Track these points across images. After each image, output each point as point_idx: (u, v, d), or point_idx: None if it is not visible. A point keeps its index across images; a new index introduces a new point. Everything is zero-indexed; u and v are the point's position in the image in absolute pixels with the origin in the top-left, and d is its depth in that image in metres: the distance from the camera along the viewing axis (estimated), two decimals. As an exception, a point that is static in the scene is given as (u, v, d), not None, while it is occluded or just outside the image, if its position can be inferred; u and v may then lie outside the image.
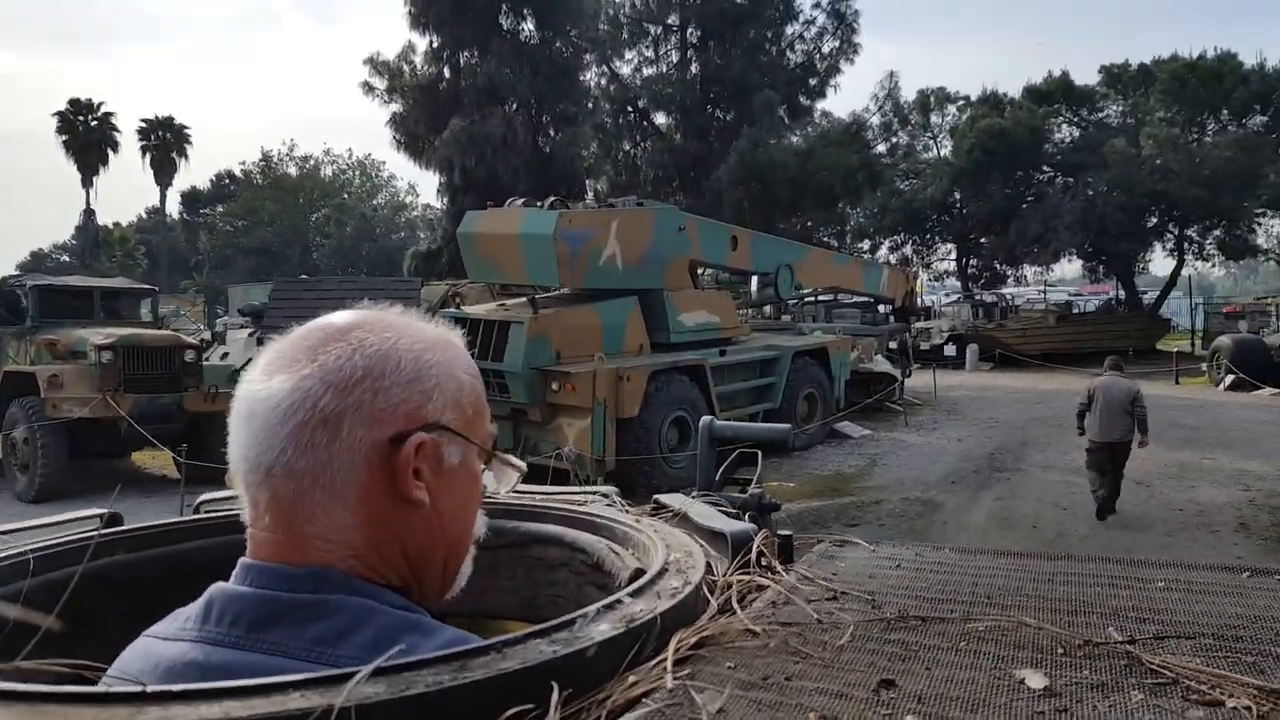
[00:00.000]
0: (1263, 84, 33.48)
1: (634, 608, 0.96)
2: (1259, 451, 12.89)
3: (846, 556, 1.36)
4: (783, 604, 1.10)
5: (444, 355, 0.97)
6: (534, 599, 1.51)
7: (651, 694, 0.83)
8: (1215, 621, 1.04)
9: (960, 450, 13.91)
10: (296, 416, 0.88)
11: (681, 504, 1.55)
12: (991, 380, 26.25)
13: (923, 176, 43.17)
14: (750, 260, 14.65)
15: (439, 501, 0.95)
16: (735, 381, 13.19)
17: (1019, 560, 1.33)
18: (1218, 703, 0.81)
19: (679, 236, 12.63)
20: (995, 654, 0.95)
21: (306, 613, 0.87)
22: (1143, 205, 34.85)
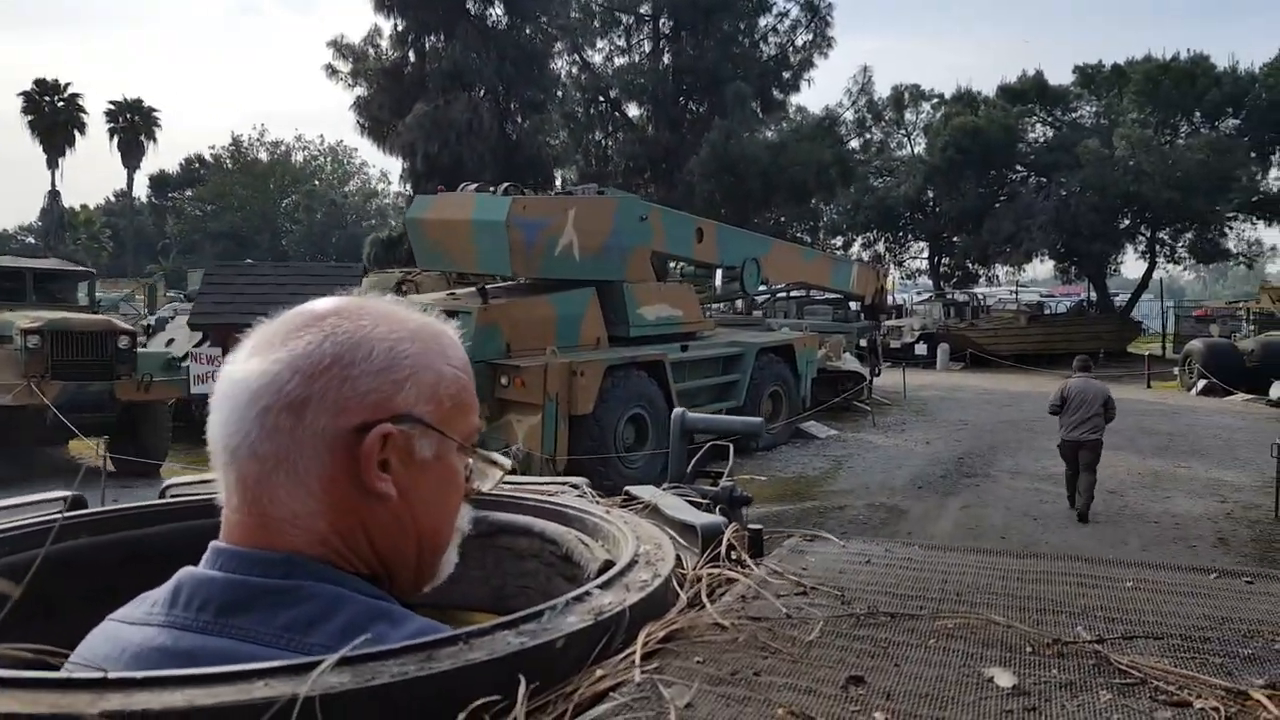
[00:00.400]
0: (1235, 86, 33.38)
1: (603, 600, 0.95)
2: (1234, 460, 12.54)
3: (816, 551, 1.36)
4: (752, 598, 1.10)
5: (423, 346, 0.93)
6: (502, 590, 1.49)
7: (619, 688, 0.81)
8: (1183, 622, 1.05)
9: (928, 453, 13.49)
10: (263, 400, 0.86)
11: (652, 496, 1.54)
12: (962, 380, 25.95)
13: (896, 174, 42.89)
14: (716, 253, 14.14)
15: (409, 495, 0.92)
16: (697, 378, 12.69)
17: (988, 558, 1.33)
18: (1185, 703, 0.81)
19: (641, 227, 12.09)
20: (964, 651, 0.94)
21: (277, 599, 0.85)
22: (1115, 206, 34.69)
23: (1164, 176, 32.15)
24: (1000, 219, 36.14)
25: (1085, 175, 33.59)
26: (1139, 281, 39.36)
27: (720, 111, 26.33)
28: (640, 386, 11.12)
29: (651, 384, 11.36)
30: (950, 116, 38.61)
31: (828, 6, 28.53)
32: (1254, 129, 33.31)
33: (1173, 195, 32.17)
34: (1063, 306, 40.83)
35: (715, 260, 14.19)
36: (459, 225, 10.76)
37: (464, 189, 11.38)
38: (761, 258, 14.86)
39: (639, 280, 12.11)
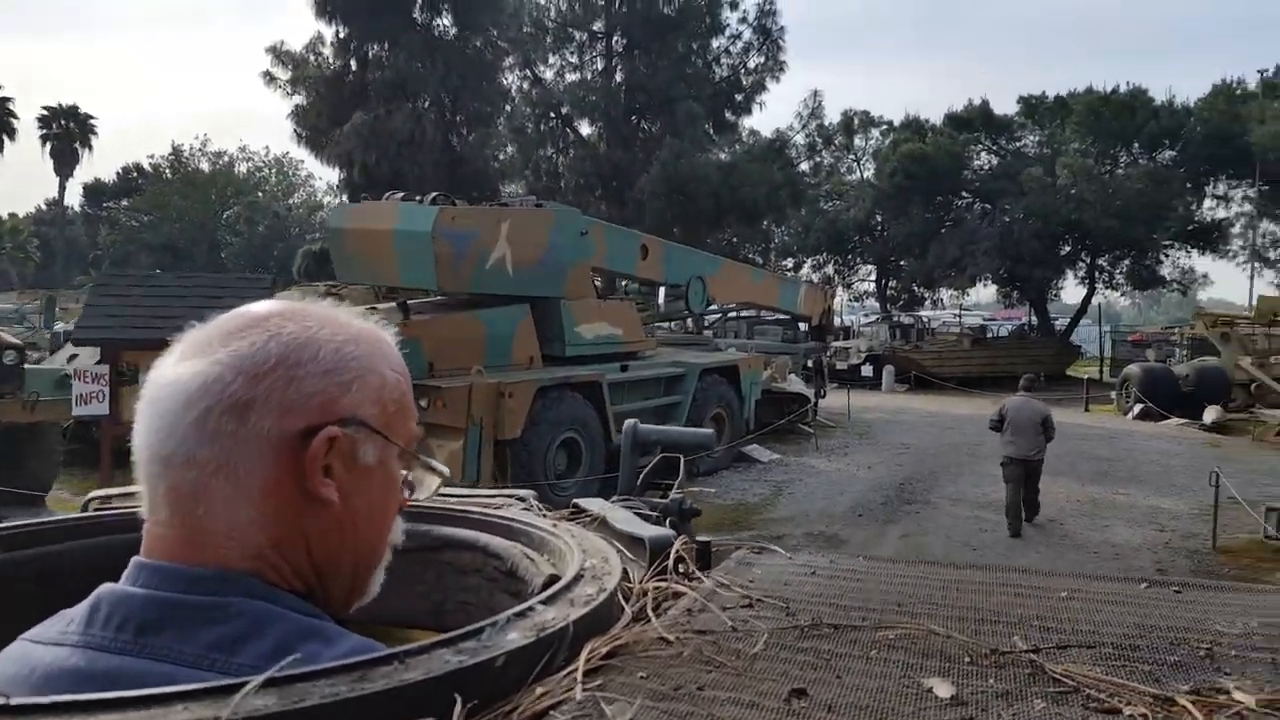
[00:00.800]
0: (1171, 119, 34.17)
1: (545, 616, 0.93)
2: (1172, 487, 12.59)
3: (763, 564, 1.36)
4: (698, 611, 1.09)
5: (367, 349, 0.91)
6: (443, 606, 1.45)
7: (560, 705, 0.80)
8: (1115, 631, 1.07)
9: (870, 479, 13.36)
10: (201, 403, 0.82)
11: (601, 509, 1.53)
12: (906, 402, 26.04)
13: (846, 198, 43.28)
14: (661, 271, 13.93)
15: (351, 502, 0.89)
16: (637, 399, 12.44)
17: (929, 569, 1.35)
18: (1115, 710, 0.83)
19: (581, 242, 11.82)
20: (904, 662, 0.95)
21: (202, 616, 0.81)
22: (1057, 233, 35.28)
23: (1104, 205, 32.75)
24: (946, 244, 36.58)
25: (1028, 203, 34.13)
26: (1078, 307, 40.02)
27: (672, 130, 26.25)
28: (575, 409, 10.82)
29: (587, 406, 11.07)
30: (899, 143, 39.07)
31: (780, 30, 28.68)
32: (1189, 160, 34.10)
33: (1112, 223, 32.77)
34: (1005, 330, 41.37)
35: (660, 278, 13.98)
36: (381, 236, 10.33)
37: (389, 197, 11.00)
38: (708, 276, 14.69)
39: (578, 297, 11.83)
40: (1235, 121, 32.34)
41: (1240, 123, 31.79)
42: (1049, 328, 39.55)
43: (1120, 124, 34.33)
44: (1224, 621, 1.11)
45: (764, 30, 28.56)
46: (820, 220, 41.14)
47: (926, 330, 37.21)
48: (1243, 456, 15.22)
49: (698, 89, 27.23)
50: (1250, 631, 1.08)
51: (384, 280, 10.75)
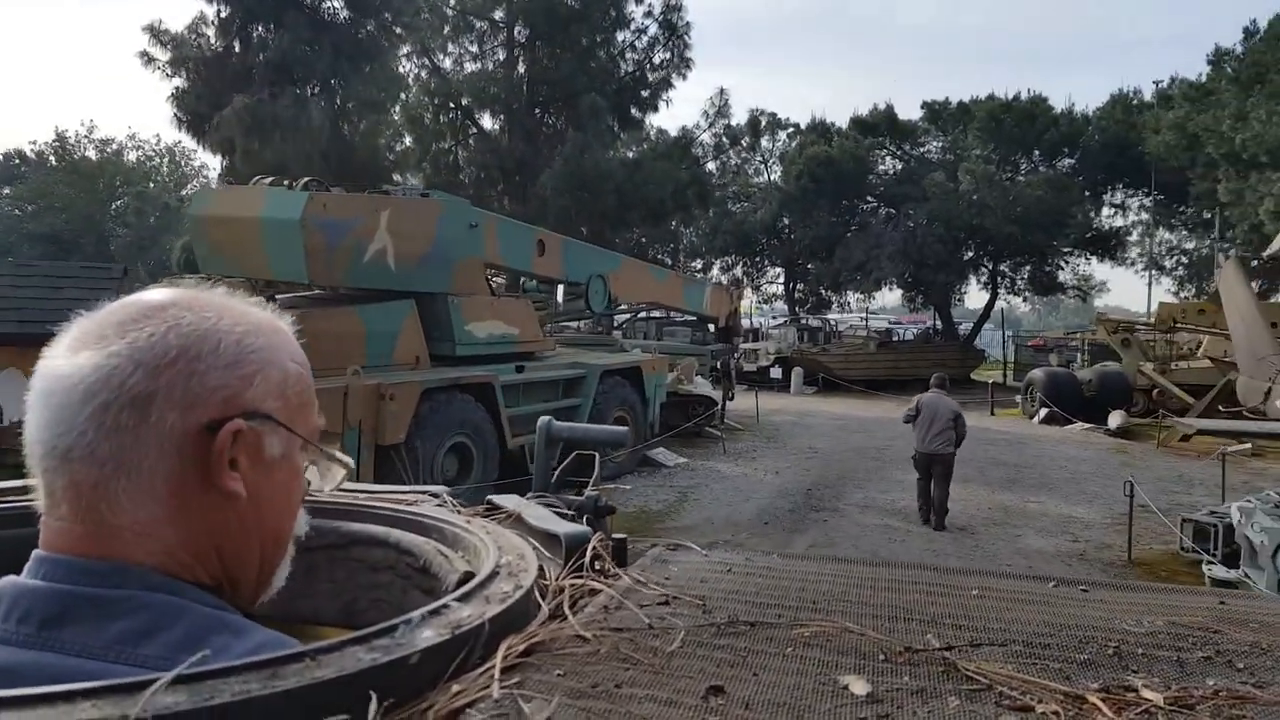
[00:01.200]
0: (1071, 127, 34.83)
1: (461, 613, 0.91)
2: (1083, 495, 12.30)
3: (679, 560, 1.35)
4: (615, 609, 1.08)
5: (269, 340, 0.90)
6: (354, 604, 1.37)
7: (477, 704, 0.80)
8: (1025, 629, 1.07)
9: (777, 485, 12.78)
10: (100, 396, 0.80)
11: (516, 505, 1.50)
12: (814, 405, 25.79)
13: (753, 200, 43.13)
14: (560, 268, 13.13)
15: (257, 495, 0.88)
16: (534, 402, 11.61)
17: (843, 566, 1.35)
18: (1028, 708, 0.84)
19: (471, 235, 10.93)
20: (820, 659, 0.95)
21: (108, 609, 0.80)
22: (960, 238, 35.65)
23: (1005, 211, 33.17)
24: (851, 248, 36.65)
25: (931, 208, 34.40)
26: (982, 311, 40.56)
27: (575, 125, 25.37)
28: (465, 412, 9.95)
29: (479, 409, 10.20)
30: (805, 145, 39.05)
31: (685, 25, 28.03)
32: (1088, 169, 34.82)
33: (1013, 229, 33.22)
34: (910, 334, 41.77)
35: (559, 275, 13.17)
36: (246, 224, 9.26)
37: (257, 182, 9.93)
38: (609, 275, 13.95)
39: (469, 294, 10.94)
40: (1132, 131, 33.08)
41: (1136, 132, 32.52)
42: (953, 332, 40.01)
43: (1021, 131, 34.89)
44: (1130, 620, 1.12)
45: (669, 25, 27.90)
46: (728, 222, 40.87)
47: (834, 333, 37.27)
48: (1150, 463, 15.14)
49: (602, 83, 26.41)
50: (1156, 630, 1.09)
51: (252, 272, 9.68)
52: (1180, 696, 0.87)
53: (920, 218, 35.30)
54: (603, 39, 27.53)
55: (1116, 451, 16.72)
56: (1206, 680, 0.92)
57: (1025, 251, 36.23)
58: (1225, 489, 10.96)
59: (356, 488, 1.58)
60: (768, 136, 41.40)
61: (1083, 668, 0.95)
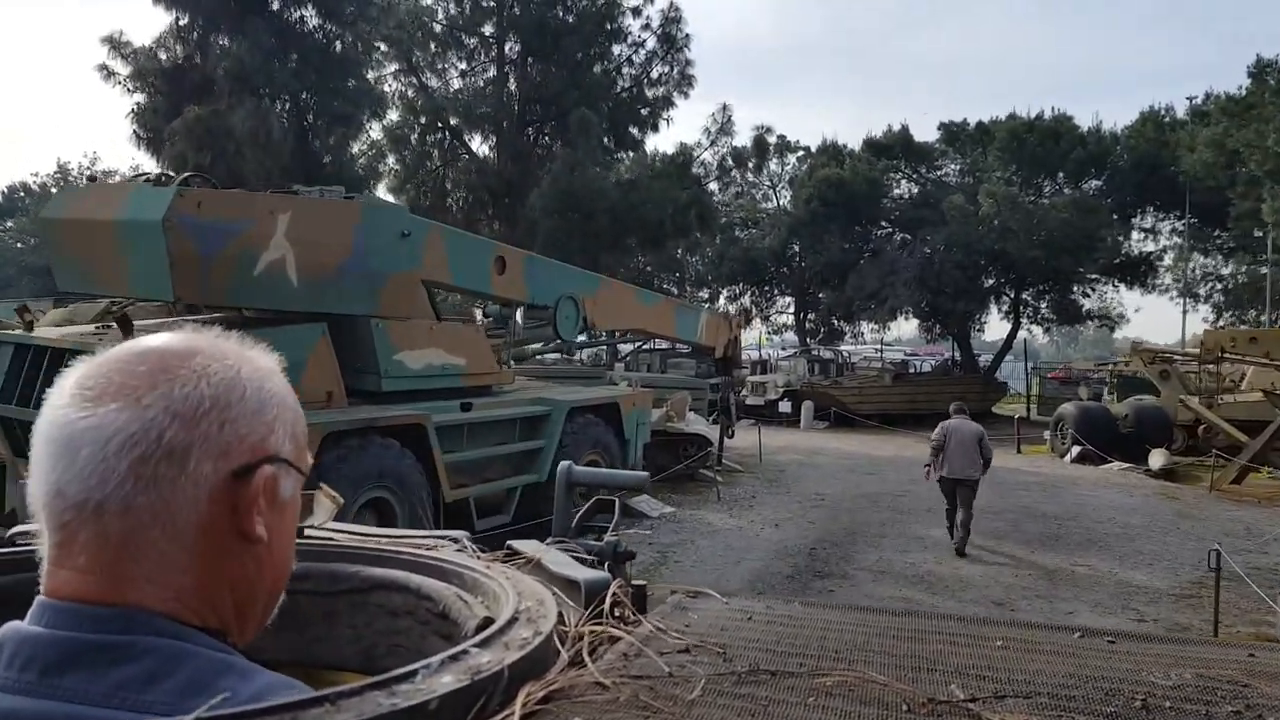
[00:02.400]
0: (1099, 146, 32.94)
1: (480, 659, 0.92)
2: (1140, 555, 10.30)
3: (699, 608, 1.35)
4: (635, 656, 1.08)
5: (279, 385, 0.93)
6: (374, 649, 1.39)
7: None
8: (1050, 680, 1.06)
9: (776, 541, 10.85)
10: (138, 449, 0.81)
11: (535, 551, 1.51)
12: (824, 442, 23.87)
13: (761, 225, 41.39)
14: (524, 288, 11.32)
15: (271, 537, 0.90)
16: (484, 445, 9.80)
17: (865, 615, 1.33)
18: None
19: (403, 246, 9.12)
20: (842, 709, 0.94)
21: (110, 655, 0.80)
22: (980, 265, 33.74)
23: (1029, 234, 31.27)
24: (865, 275, 34.77)
25: (950, 232, 32.51)
26: (1002, 343, 38.51)
27: (566, 141, 23.69)
28: (384, 459, 8.11)
29: (405, 456, 8.37)
30: (815, 168, 37.35)
31: (685, 38, 26.36)
32: (1117, 191, 32.89)
33: (1037, 254, 31.28)
34: (927, 366, 39.78)
35: (523, 297, 11.35)
36: (101, 229, 7.46)
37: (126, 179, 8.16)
38: (584, 298, 12.16)
39: (401, 317, 9.13)
40: (1164, 149, 31.20)
41: (1170, 150, 30.63)
42: (973, 363, 37.96)
43: (1045, 151, 33.02)
44: (1158, 673, 1.11)
45: (668, 38, 26.22)
46: (735, 249, 39.15)
47: (847, 365, 35.36)
48: (1208, 511, 13.14)
49: (596, 99, 24.71)
50: (1184, 683, 1.07)
51: (107, 288, 7.90)
52: None
53: (938, 243, 33.38)
54: (597, 53, 25.89)
55: (1165, 497, 14.71)
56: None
57: (1050, 278, 34.22)
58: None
59: (376, 532, 1.62)
60: (776, 160, 39.69)
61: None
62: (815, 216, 35.87)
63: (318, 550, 1.42)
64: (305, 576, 1.34)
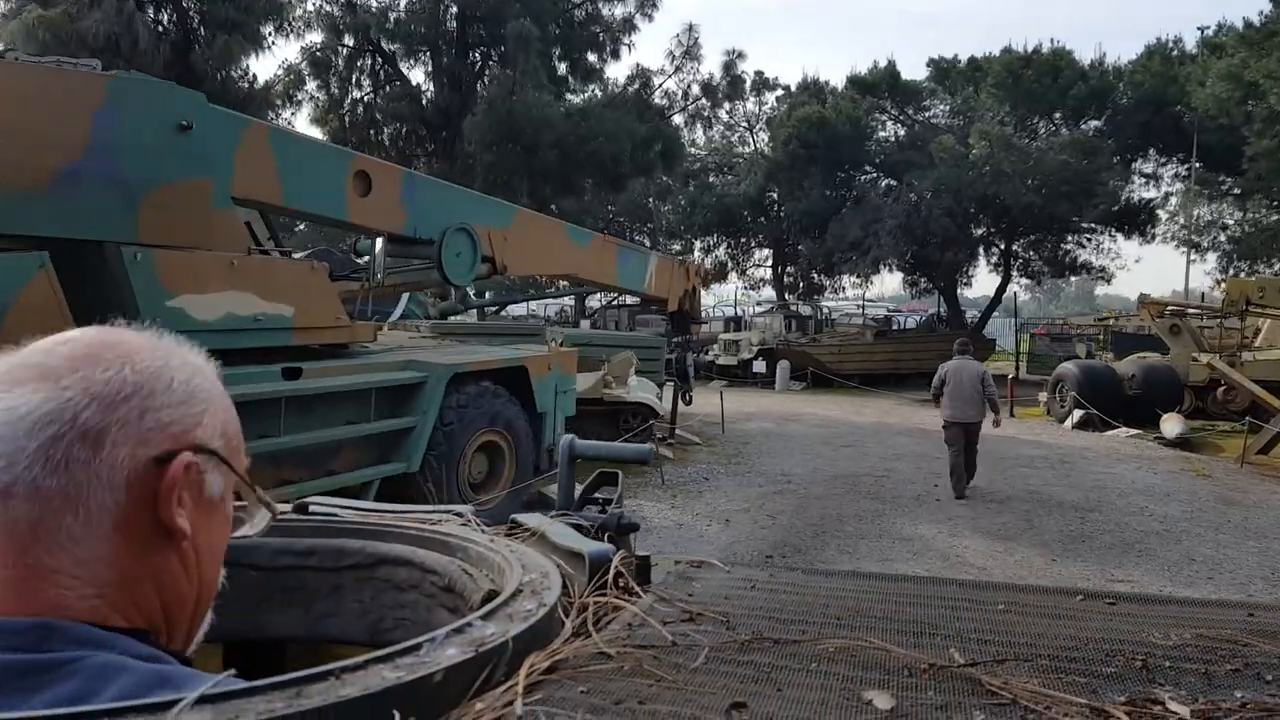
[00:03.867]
0: (1101, 82, 30.26)
1: (485, 631, 0.93)
2: (1194, 565, 7.79)
3: (703, 577, 1.35)
4: (638, 626, 1.08)
5: (210, 382, 0.91)
6: (380, 623, 1.40)
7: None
8: (1051, 643, 1.07)
9: (722, 545, 8.34)
10: (50, 429, 0.78)
11: (539, 524, 1.51)
12: (800, 405, 21.49)
13: (737, 171, 38.63)
14: (400, 215, 8.71)
15: (196, 536, 0.86)
16: (322, 426, 7.22)
17: (867, 582, 1.34)
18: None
19: (179, 144, 6.44)
20: (844, 675, 0.94)
21: (31, 679, 0.74)
22: (970, 212, 31.19)
23: (1024, 178, 28.72)
24: (847, 223, 32.19)
25: (939, 176, 29.93)
26: (993, 296, 36.08)
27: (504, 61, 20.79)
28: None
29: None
30: (795, 106, 34.53)
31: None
32: (1118, 131, 30.27)
33: (1033, 199, 28.75)
34: (911, 323, 37.36)
35: (396, 226, 8.71)
36: None
37: None
38: (490, 232, 9.58)
39: (177, 246, 6.48)
40: (1172, 85, 28.59)
41: (1179, 86, 28.03)
42: (960, 319, 35.52)
43: (1042, 88, 30.34)
44: (1158, 633, 1.11)
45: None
46: (708, 196, 36.40)
47: (826, 322, 32.88)
48: (1252, 496, 10.72)
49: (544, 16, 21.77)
50: (1184, 643, 1.08)
51: None
52: (1207, 709, 0.87)
53: (925, 189, 30.77)
54: (547, -34, 22.90)
55: (1195, 474, 12.34)
56: (1234, 693, 0.92)
57: (1044, 227, 31.72)
58: None
59: (381, 507, 1.60)
60: (754, 98, 36.82)
61: (1109, 681, 0.94)
62: (795, 160, 33.18)
63: (323, 526, 1.43)
64: (311, 552, 1.39)
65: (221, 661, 1.41)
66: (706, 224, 37.79)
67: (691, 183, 38.10)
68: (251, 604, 1.39)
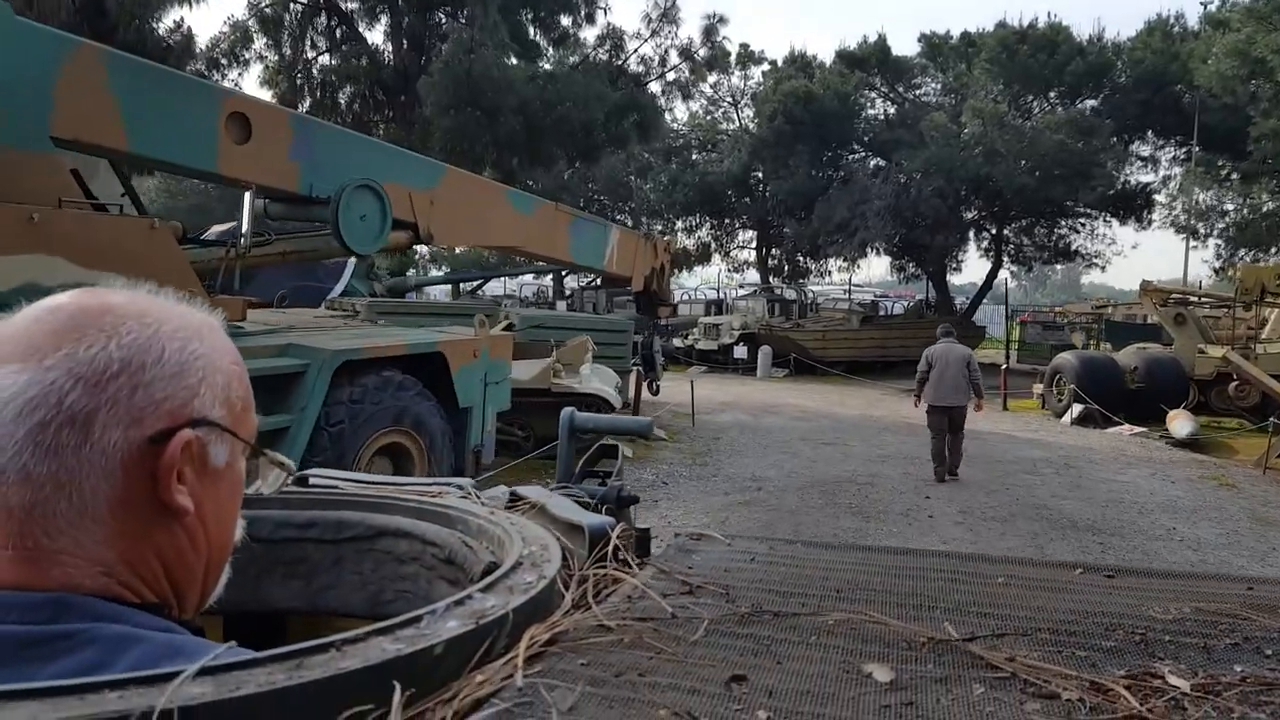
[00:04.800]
0: (1099, 58, 28.84)
1: (485, 603, 0.92)
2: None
3: (703, 550, 1.36)
4: (638, 598, 1.08)
5: (209, 345, 0.86)
6: (380, 595, 1.41)
7: (500, 693, 0.79)
8: (1051, 617, 1.07)
9: (672, 574, 6.96)
10: (36, 414, 0.76)
11: (539, 496, 1.51)
12: (780, 394, 20.10)
13: (720, 148, 37.10)
14: (291, 168, 7.24)
15: (202, 507, 0.85)
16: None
17: (867, 554, 1.35)
18: (1053, 695, 0.84)
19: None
20: (844, 648, 0.95)
21: (43, 650, 0.75)
22: (961, 194, 29.80)
23: (1018, 158, 27.32)
24: (833, 204, 30.72)
25: (929, 156, 28.48)
26: (983, 281, 34.75)
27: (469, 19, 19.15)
28: None
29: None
30: (781, 80, 32.99)
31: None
32: (1116, 111, 28.87)
33: (1027, 180, 27.36)
34: (899, 309, 36.01)
35: (288, 182, 7.24)
36: None
37: None
38: (408, 192, 8.13)
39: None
40: (1174, 63, 27.21)
41: (1181, 64, 26.66)
42: (949, 304, 34.18)
43: (1038, 64, 28.91)
44: (1158, 607, 1.12)
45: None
46: (690, 173, 34.86)
47: (811, 306, 31.47)
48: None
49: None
50: (1183, 617, 1.09)
51: None
52: (1206, 683, 0.87)
53: (915, 169, 29.34)
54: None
55: (1216, 482, 11.02)
56: (1234, 667, 0.92)
57: (1038, 210, 30.36)
58: None
59: (382, 480, 1.61)
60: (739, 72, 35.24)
61: (1108, 655, 0.94)
62: (780, 136, 31.70)
63: (323, 499, 1.44)
64: (311, 525, 1.39)
65: (222, 633, 1.33)
66: (688, 203, 36.28)
67: (673, 160, 36.56)
68: (252, 576, 1.37)
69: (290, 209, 7.73)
